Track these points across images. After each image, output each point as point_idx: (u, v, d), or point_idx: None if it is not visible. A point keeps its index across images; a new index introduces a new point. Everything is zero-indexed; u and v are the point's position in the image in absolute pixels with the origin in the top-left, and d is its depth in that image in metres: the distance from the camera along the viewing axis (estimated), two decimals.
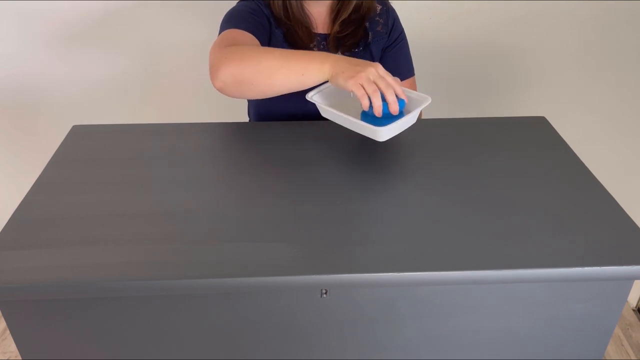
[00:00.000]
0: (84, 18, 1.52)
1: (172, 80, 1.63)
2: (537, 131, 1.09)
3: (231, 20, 1.09)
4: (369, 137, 0.94)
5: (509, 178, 0.94)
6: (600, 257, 0.76)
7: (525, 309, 0.82)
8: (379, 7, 1.23)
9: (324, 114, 1.00)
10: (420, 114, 1.11)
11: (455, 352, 0.87)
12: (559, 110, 1.63)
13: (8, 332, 1.80)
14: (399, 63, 1.29)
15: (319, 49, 1.17)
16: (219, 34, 1.08)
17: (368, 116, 0.94)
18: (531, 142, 1.05)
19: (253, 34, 1.06)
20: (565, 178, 0.94)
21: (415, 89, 1.30)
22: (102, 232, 0.79)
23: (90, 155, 0.99)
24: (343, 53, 1.18)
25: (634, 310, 1.94)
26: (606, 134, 1.71)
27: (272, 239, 0.79)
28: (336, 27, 1.17)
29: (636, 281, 0.82)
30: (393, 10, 1.26)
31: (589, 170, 0.96)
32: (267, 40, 1.13)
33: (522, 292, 0.81)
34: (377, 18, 1.22)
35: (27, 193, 0.88)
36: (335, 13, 1.18)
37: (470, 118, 1.13)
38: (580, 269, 0.75)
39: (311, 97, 0.99)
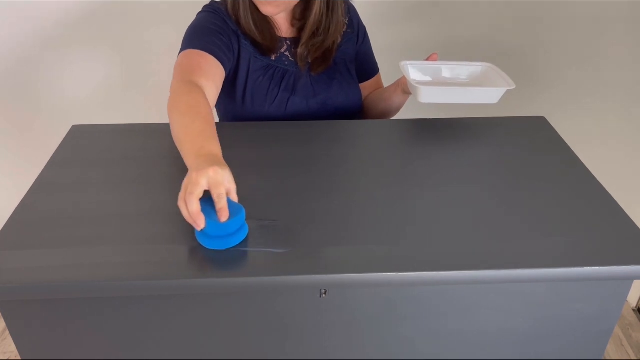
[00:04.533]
0: (84, 18, 1.52)
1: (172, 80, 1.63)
2: (537, 131, 1.09)
3: (193, 38, 1.07)
4: (484, 102, 1.05)
5: (509, 178, 0.94)
6: (600, 257, 0.76)
7: (525, 309, 0.82)
8: None
9: (424, 98, 1.03)
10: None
11: (455, 352, 0.87)
12: (559, 110, 1.63)
13: (8, 332, 1.79)
14: (369, 62, 1.31)
15: (290, 53, 1.17)
16: (181, 48, 1.07)
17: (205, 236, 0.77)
18: (531, 142, 1.04)
19: (213, 53, 1.04)
20: (565, 178, 0.94)
21: (382, 84, 1.34)
22: (102, 232, 0.79)
23: (90, 155, 0.99)
24: (314, 74, 1.18)
25: (634, 310, 1.94)
26: (606, 134, 1.71)
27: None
28: (306, 33, 1.14)
29: (636, 281, 0.82)
30: (354, 9, 1.26)
31: (589, 170, 0.96)
32: (234, 54, 1.11)
33: (522, 292, 0.81)
34: (342, 18, 1.20)
35: (27, 193, 0.88)
36: (298, 18, 1.15)
37: (470, 118, 1.13)
38: (580, 269, 0.75)
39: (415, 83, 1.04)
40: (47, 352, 0.81)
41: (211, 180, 0.74)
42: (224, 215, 0.73)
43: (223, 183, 0.75)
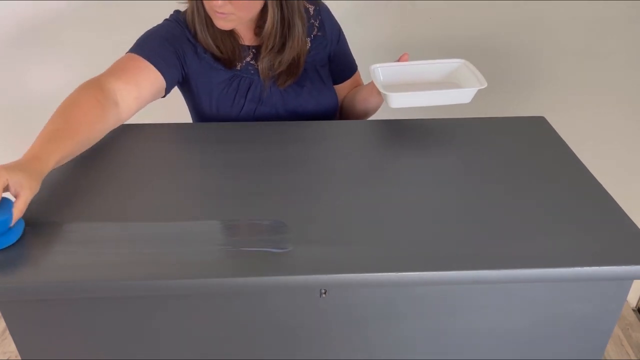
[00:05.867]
0: (83, 18, 1.52)
1: None
2: (537, 131, 1.09)
3: (143, 44, 1.08)
4: (456, 103, 1.04)
5: (509, 178, 0.94)
6: (600, 257, 0.76)
7: (525, 309, 0.82)
8: (311, 8, 1.18)
9: (394, 104, 1.02)
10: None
11: (455, 352, 0.87)
12: (559, 110, 1.63)
13: (8, 332, 1.79)
14: (346, 63, 1.28)
15: (256, 60, 1.14)
16: (129, 49, 1.07)
17: None
18: (531, 142, 1.04)
19: (151, 61, 1.04)
20: (565, 178, 0.94)
21: (360, 81, 1.32)
22: (102, 232, 0.79)
23: (89, 154, 0.99)
24: (282, 87, 1.16)
25: (634, 310, 1.94)
26: (606, 134, 1.71)
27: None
28: (263, 48, 1.11)
29: (636, 281, 0.82)
30: (325, 10, 1.21)
31: (588, 170, 0.96)
32: (185, 65, 1.10)
33: (522, 292, 0.81)
34: (312, 21, 1.18)
35: None
36: (262, 26, 1.11)
37: (470, 118, 1.13)
38: (580, 269, 0.75)
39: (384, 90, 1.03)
40: (47, 352, 0.81)
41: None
42: None
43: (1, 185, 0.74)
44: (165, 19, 1.14)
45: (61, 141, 0.87)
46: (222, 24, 1.04)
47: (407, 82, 1.11)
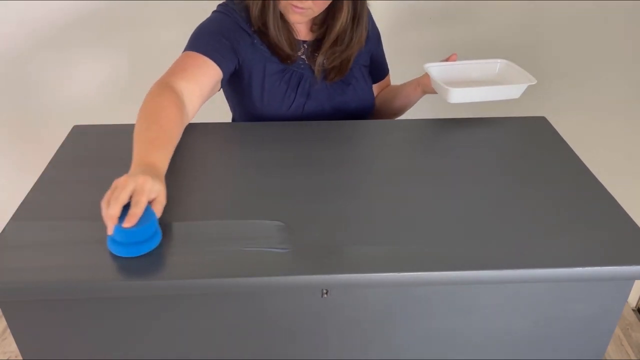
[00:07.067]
0: (84, 18, 1.52)
1: None
2: (537, 131, 1.09)
3: (197, 40, 1.08)
4: (508, 98, 1.10)
5: (509, 178, 0.94)
6: (600, 257, 0.76)
7: (525, 309, 0.82)
8: None
9: (454, 99, 1.06)
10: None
11: (455, 352, 0.87)
12: (559, 110, 1.63)
13: (8, 332, 1.80)
14: (382, 64, 1.31)
15: (306, 56, 1.16)
16: (185, 47, 1.08)
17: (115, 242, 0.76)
18: (531, 142, 1.05)
19: (209, 56, 1.05)
20: (565, 178, 0.94)
21: (389, 83, 1.35)
22: (102, 232, 0.79)
23: (91, 155, 0.99)
24: (329, 82, 1.18)
25: (634, 310, 1.94)
26: (606, 134, 1.71)
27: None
28: (328, 42, 1.13)
29: (636, 281, 0.82)
30: (368, 12, 1.22)
31: (589, 170, 0.96)
32: (239, 56, 1.10)
33: (522, 292, 0.81)
34: None
35: (28, 193, 0.88)
36: (319, 24, 1.15)
37: (471, 118, 1.13)
38: (580, 269, 0.75)
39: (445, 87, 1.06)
40: (48, 352, 0.81)
41: (137, 187, 0.76)
42: (130, 220, 0.73)
43: (147, 193, 0.76)
44: (214, 11, 1.14)
45: (165, 148, 0.89)
46: (297, 18, 1.07)
47: (457, 80, 1.15)
